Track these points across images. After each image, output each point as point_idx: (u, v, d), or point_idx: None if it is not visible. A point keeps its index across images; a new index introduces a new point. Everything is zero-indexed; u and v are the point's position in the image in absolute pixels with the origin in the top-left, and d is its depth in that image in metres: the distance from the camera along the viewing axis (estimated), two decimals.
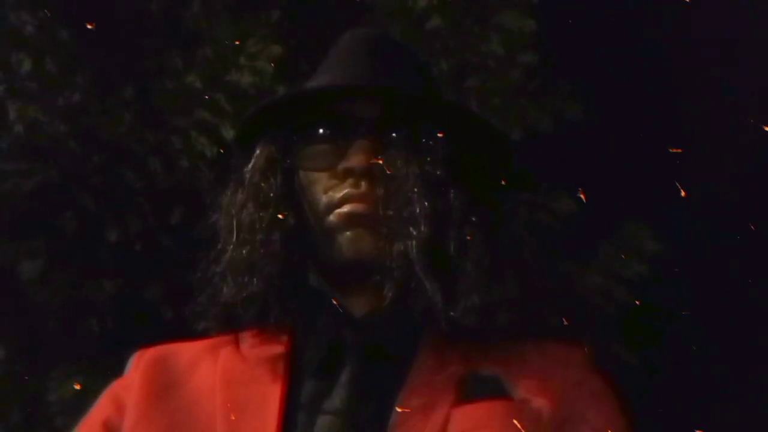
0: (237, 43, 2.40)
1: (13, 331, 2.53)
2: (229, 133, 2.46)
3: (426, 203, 0.77)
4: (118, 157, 2.55)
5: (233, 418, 0.76)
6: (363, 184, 0.79)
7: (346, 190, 0.80)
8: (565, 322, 0.84)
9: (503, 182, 0.85)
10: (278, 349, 0.80)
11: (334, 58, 0.86)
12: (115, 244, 2.51)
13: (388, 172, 0.79)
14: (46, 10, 2.52)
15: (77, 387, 2.30)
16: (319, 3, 2.62)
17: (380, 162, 0.79)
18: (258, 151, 0.85)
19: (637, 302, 2.64)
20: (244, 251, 0.81)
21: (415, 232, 0.76)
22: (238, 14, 2.57)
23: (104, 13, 2.61)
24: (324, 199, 0.81)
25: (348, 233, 0.79)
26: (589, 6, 2.52)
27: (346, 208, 0.79)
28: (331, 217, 0.80)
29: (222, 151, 2.39)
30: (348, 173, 0.80)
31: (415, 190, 0.77)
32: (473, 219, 0.78)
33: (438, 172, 0.78)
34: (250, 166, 0.85)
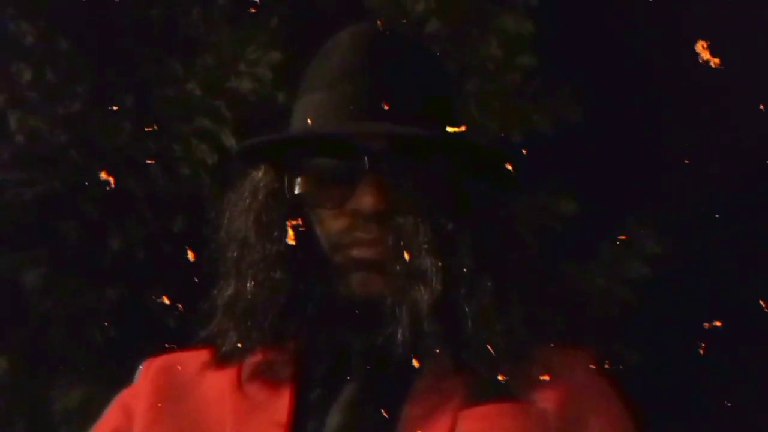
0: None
1: (16, 341, 2.53)
2: (229, 140, 2.46)
3: (438, 261, 0.74)
4: (120, 165, 2.55)
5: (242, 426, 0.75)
6: (372, 228, 0.76)
7: (355, 234, 0.77)
8: (569, 325, 0.84)
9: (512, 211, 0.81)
10: (285, 356, 0.79)
11: (335, 69, 0.80)
12: (118, 252, 2.51)
13: (399, 219, 0.75)
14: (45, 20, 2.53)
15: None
16: (317, 8, 2.62)
17: (390, 206, 0.75)
18: (259, 177, 0.81)
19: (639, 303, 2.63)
20: (248, 286, 0.79)
21: (425, 289, 0.74)
22: (237, 21, 2.57)
23: (104, 21, 2.61)
24: (333, 239, 0.78)
25: (358, 275, 0.77)
26: (587, 8, 2.53)
27: (355, 252, 0.77)
28: (340, 257, 0.77)
29: (221, 156, 2.39)
30: (356, 214, 0.76)
31: (426, 241, 0.74)
32: (485, 273, 0.75)
33: (450, 225, 0.75)
34: (249, 193, 0.81)
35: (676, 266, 2.63)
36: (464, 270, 0.76)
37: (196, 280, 0.83)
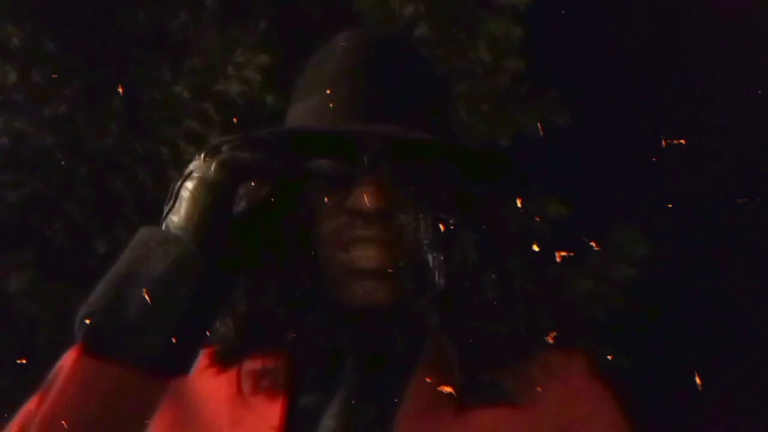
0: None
1: (1, 345, 2.51)
2: None
3: (440, 256, 0.74)
4: (106, 168, 2.54)
5: None
6: (373, 227, 0.75)
7: (354, 232, 0.75)
8: (558, 329, 0.84)
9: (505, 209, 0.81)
10: (277, 361, 0.79)
11: (333, 71, 0.79)
12: (104, 256, 2.49)
13: (400, 216, 0.75)
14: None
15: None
16: (305, 12, 2.62)
17: (390, 205, 0.75)
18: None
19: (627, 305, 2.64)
20: (245, 287, 0.77)
21: (429, 286, 0.74)
22: (226, 24, 2.57)
23: (91, 24, 2.60)
24: (332, 238, 0.77)
25: (361, 285, 0.76)
26: (575, 12, 2.54)
27: (356, 255, 0.76)
28: (341, 259, 0.76)
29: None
30: (356, 213, 0.75)
31: (427, 237, 0.74)
32: (487, 269, 0.76)
33: (451, 221, 0.75)
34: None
35: (663, 268, 2.64)
36: (467, 265, 0.76)
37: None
